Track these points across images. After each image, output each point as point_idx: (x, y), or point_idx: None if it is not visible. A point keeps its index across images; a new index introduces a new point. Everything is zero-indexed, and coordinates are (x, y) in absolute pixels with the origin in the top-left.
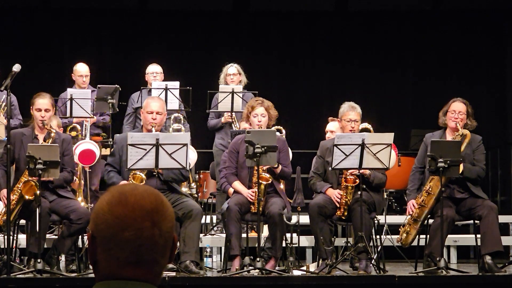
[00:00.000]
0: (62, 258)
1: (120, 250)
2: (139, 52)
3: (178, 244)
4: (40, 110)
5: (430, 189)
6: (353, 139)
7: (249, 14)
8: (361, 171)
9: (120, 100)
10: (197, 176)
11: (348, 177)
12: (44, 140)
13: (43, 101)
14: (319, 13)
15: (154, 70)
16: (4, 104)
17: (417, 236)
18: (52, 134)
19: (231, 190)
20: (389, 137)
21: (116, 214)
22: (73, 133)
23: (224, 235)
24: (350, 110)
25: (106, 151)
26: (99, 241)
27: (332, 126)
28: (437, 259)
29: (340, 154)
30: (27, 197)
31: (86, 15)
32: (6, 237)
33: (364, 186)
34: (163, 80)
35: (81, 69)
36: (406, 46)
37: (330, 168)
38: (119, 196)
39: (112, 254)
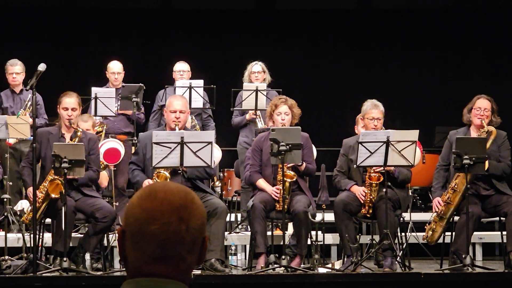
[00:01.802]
0: (88, 256)
1: (146, 244)
2: (163, 51)
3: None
4: (67, 109)
5: (455, 186)
6: (378, 136)
7: (274, 12)
8: (385, 168)
9: (145, 99)
10: (222, 174)
11: (372, 174)
12: (71, 139)
13: (70, 100)
14: (343, 11)
15: (181, 68)
16: (30, 103)
17: (443, 234)
18: (79, 133)
19: (259, 181)
20: (414, 134)
21: (144, 208)
22: (99, 129)
23: (249, 233)
24: (373, 108)
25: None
26: (128, 235)
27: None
28: (463, 256)
29: (364, 152)
30: (53, 195)
31: (111, 15)
32: (32, 235)
33: (389, 184)
34: (190, 78)
35: (114, 67)
36: (430, 43)
37: (354, 166)
38: (149, 191)
39: (138, 248)
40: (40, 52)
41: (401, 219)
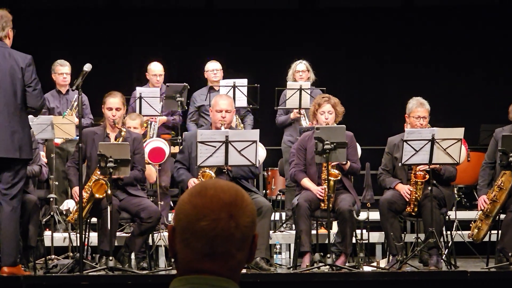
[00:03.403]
0: (133, 255)
1: (195, 240)
2: (206, 50)
3: None
4: (111, 109)
5: (501, 184)
6: (423, 134)
7: (317, 11)
8: (431, 166)
9: (189, 98)
10: (266, 173)
11: (418, 173)
12: (115, 139)
13: (114, 100)
14: (386, 9)
15: (214, 67)
16: (75, 103)
17: (489, 232)
18: (123, 133)
19: (304, 180)
20: (459, 132)
21: (194, 204)
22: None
23: (293, 232)
24: (419, 107)
25: (175, 149)
26: (178, 232)
27: None
28: (509, 254)
29: (409, 150)
30: (97, 195)
31: (154, 14)
32: (78, 235)
33: (434, 182)
34: (223, 78)
35: (155, 68)
36: (474, 41)
37: (399, 164)
38: (200, 188)
39: (188, 244)
40: (84, 52)
41: (447, 217)
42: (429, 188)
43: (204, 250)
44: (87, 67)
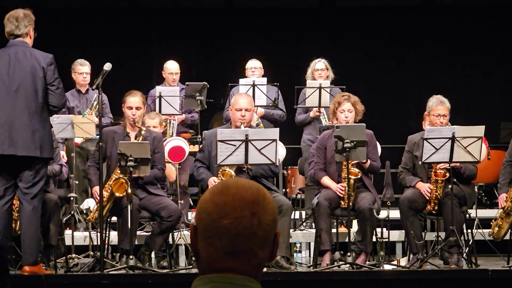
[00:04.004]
0: (153, 254)
1: (218, 238)
2: (225, 49)
3: None
4: (131, 108)
5: None
6: (443, 132)
7: (336, 9)
8: (451, 164)
9: (208, 97)
10: (286, 172)
11: (438, 171)
12: (135, 138)
13: (134, 99)
14: (406, 7)
15: (253, 65)
16: (95, 102)
17: (509, 230)
18: (143, 132)
19: (324, 179)
20: (479, 129)
21: (217, 202)
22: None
23: (313, 231)
24: (439, 105)
25: (195, 148)
26: (200, 230)
27: None
28: None
29: (430, 148)
30: (117, 194)
31: (173, 14)
32: (98, 234)
33: (455, 180)
34: (263, 76)
35: (171, 67)
36: (494, 39)
37: (420, 162)
38: (222, 186)
39: (210, 242)
40: (104, 52)
41: (467, 215)
42: (450, 186)
43: (227, 248)
44: (107, 66)
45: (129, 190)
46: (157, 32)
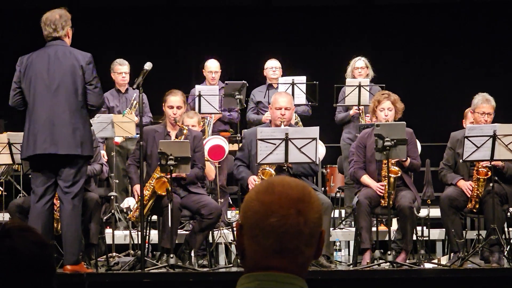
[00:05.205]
0: (193, 253)
1: (264, 237)
2: (264, 48)
3: None
4: (172, 107)
5: None
6: (484, 130)
7: (374, 7)
8: (493, 162)
9: (248, 96)
10: (325, 171)
11: (480, 169)
12: (176, 137)
13: (175, 99)
14: (444, 5)
15: (273, 65)
16: (135, 102)
17: None
18: (184, 131)
19: (364, 177)
20: None
21: (263, 201)
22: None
23: (353, 229)
24: (484, 103)
25: (234, 147)
26: (246, 228)
27: None
28: None
29: (471, 146)
30: (159, 193)
31: (212, 13)
32: (139, 233)
33: (496, 178)
34: (282, 75)
35: (211, 65)
36: None
37: (461, 160)
38: (267, 185)
39: (257, 241)
40: (143, 51)
41: (509, 214)
42: (491, 184)
43: (273, 246)
44: (148, 65)
45: (170, 189)
46: (195, 31)
